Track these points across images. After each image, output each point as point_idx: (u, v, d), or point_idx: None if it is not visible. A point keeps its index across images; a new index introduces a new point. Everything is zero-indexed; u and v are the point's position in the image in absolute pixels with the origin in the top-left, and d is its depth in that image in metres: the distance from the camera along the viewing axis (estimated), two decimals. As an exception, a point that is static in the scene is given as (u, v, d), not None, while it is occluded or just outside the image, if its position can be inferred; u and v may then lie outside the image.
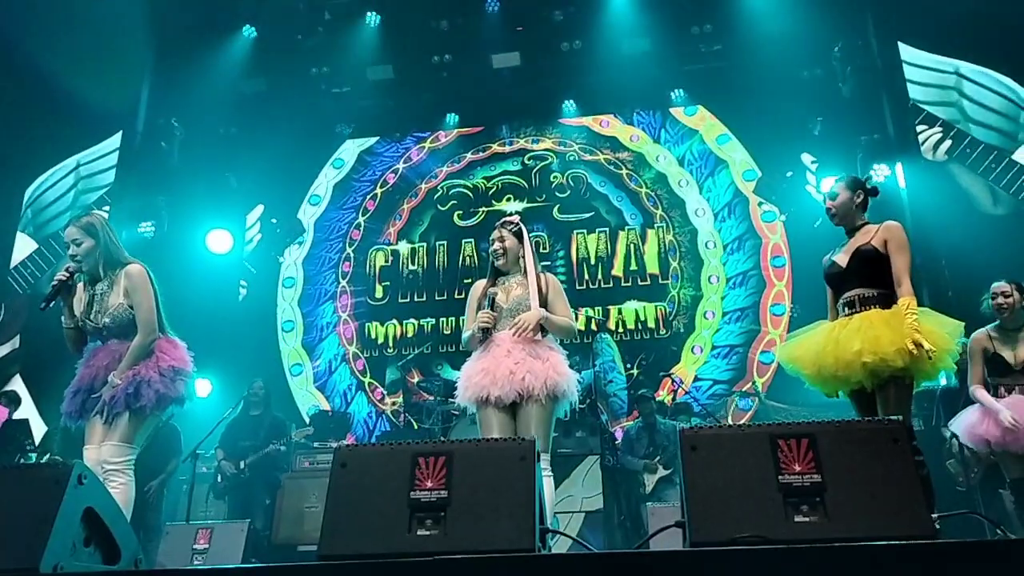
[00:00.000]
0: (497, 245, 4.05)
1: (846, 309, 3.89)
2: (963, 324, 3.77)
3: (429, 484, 2.48)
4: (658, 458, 7.06)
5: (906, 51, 8.98)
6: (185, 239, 9.92)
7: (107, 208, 9.86)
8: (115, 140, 10.07)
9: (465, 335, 4.08)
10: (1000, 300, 4.81)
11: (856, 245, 3.91)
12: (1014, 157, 8.29)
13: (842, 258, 3.96)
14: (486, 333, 3.89)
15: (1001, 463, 4.81)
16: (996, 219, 8.26)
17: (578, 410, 6.38)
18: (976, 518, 4.13)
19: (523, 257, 4.04)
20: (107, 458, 3.68)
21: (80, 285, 4.04)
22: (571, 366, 3.92)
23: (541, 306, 3.88)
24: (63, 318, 3.98)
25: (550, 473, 3.70)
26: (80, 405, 3.84)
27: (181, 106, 10.12)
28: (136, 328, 3.85)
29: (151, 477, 6.65)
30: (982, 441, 4.71)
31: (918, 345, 3.46)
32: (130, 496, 3.71)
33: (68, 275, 3.91)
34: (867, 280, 3.84)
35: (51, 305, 3.92)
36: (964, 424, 4.87)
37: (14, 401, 7.73)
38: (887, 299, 3.79)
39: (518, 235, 4.07)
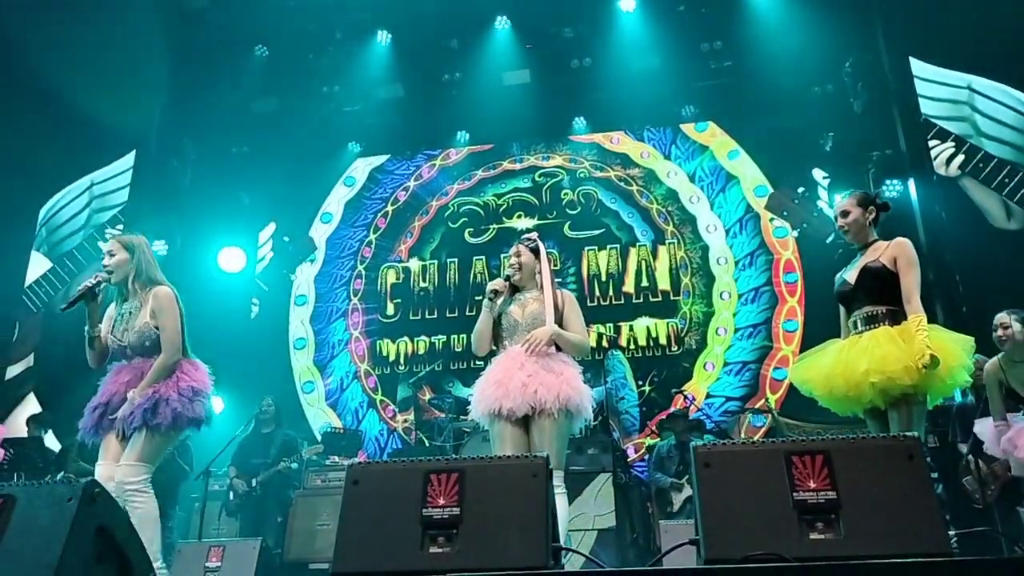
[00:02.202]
0: (513, 260, 4.08)
1: (856, 327, 3.86)
2: (973, 339, 3.73)
3: (441, 501, 2.47)
4: (687, 477, 7.00)
5: (917, 66, 8.97)
6: (198, 257, 10.00)
7: (120, 227, 9.94)
8: (129, 159, 10.18)
9: (474, 336, 4.02)
10: (1000, 332, 4.79)
11: (865, 262, 3.88)
12: (1027, 172, 8.26)
13: (852, 275, 3.93)
14: (496, 295, 3.93)
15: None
16: (1010, 234, 8.21)
17: (590, 427, 6.36)
18: (993, 536, 4.09)
19: (539, 273, 4.05)
20: (124, 478, 3.69)
21: (112, 304, 4.11)
22: (584, 382, 3.87)
23: (556, 322, 3.87)
24: (86, 327, 4.01)
25: (564, 491, 3.65)
26: (97, 421, 3.86)
27: (194, 125, 10.24)
28: (159, 348, 3.89)
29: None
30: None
31: (934, 360, 3.42)
32: (155, 512, 3.74)
33: (95, 282, 3.97)
34: (876, 297, 3.81)
35: (72, 308, 3.96)
36: (993, 432, 4.75)
37: (44, 424, 7.77)
38: (896, 316, 3.75)
39: (535, 251, 4.11)
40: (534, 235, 4.23)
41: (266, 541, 6.18)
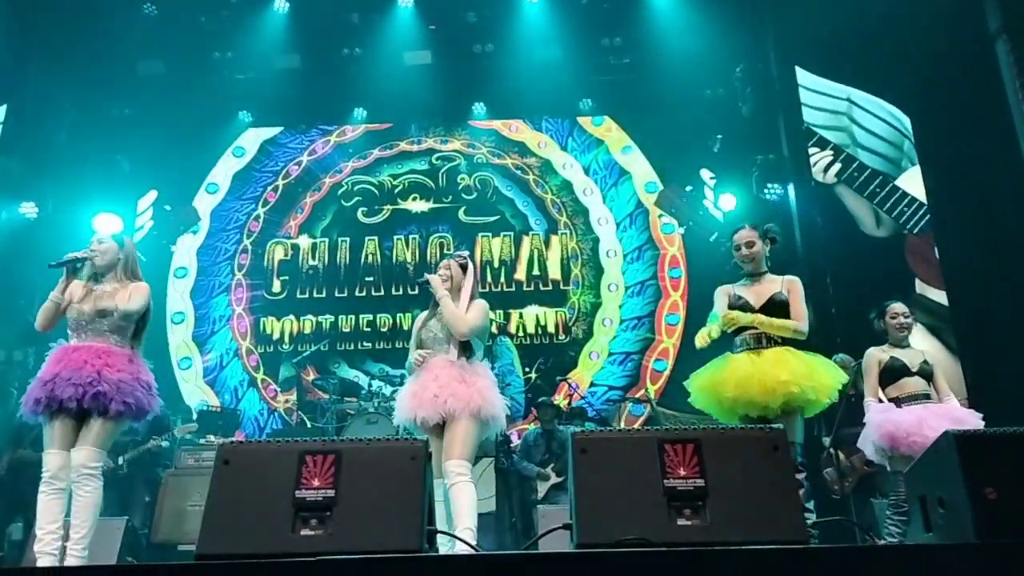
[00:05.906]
0: (443, 272, 4.40)
1: (761, 342, 4.31)
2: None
3: (316, 483, 2.42)
4: (552, 465, 7.10)
5: (803, 76, 9.35)
6: (70, 222, 9.41)
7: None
8: (-2, 114, 9.50)
9: (407, 363, 4.39)
10: (901, 320, 4.96)
11: (769, 292, 4.37)
12: (897, 183, 8.75)
13: (753, 298, 4.39)
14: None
15: (892, 464, 4.77)
16: (878, 241, 8.70)
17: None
18: (848, 524, 4.34)
19: (463, 288, 4.36)
20: (85, 462, 3.82)
21: (83, 281, 4.20)
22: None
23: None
24: (55, 291, 4.13)
25: (468, 479, 3.87)
26: (49, 395, 3.87)
27: (73, 82, 9.60)
28: (116, 332, 4.09)
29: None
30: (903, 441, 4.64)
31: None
32: (100, 499, 3.93)
33: (82, 256, 4.17)
34: None
35: (56, 267, 4.18)
36: (896, 422, 4.74)
37: None
38: (794, 339, 4.31)
39: (463, 267, 4.45)
40: (465, 253, 4.61)
41: (132, 521, 5.94)
